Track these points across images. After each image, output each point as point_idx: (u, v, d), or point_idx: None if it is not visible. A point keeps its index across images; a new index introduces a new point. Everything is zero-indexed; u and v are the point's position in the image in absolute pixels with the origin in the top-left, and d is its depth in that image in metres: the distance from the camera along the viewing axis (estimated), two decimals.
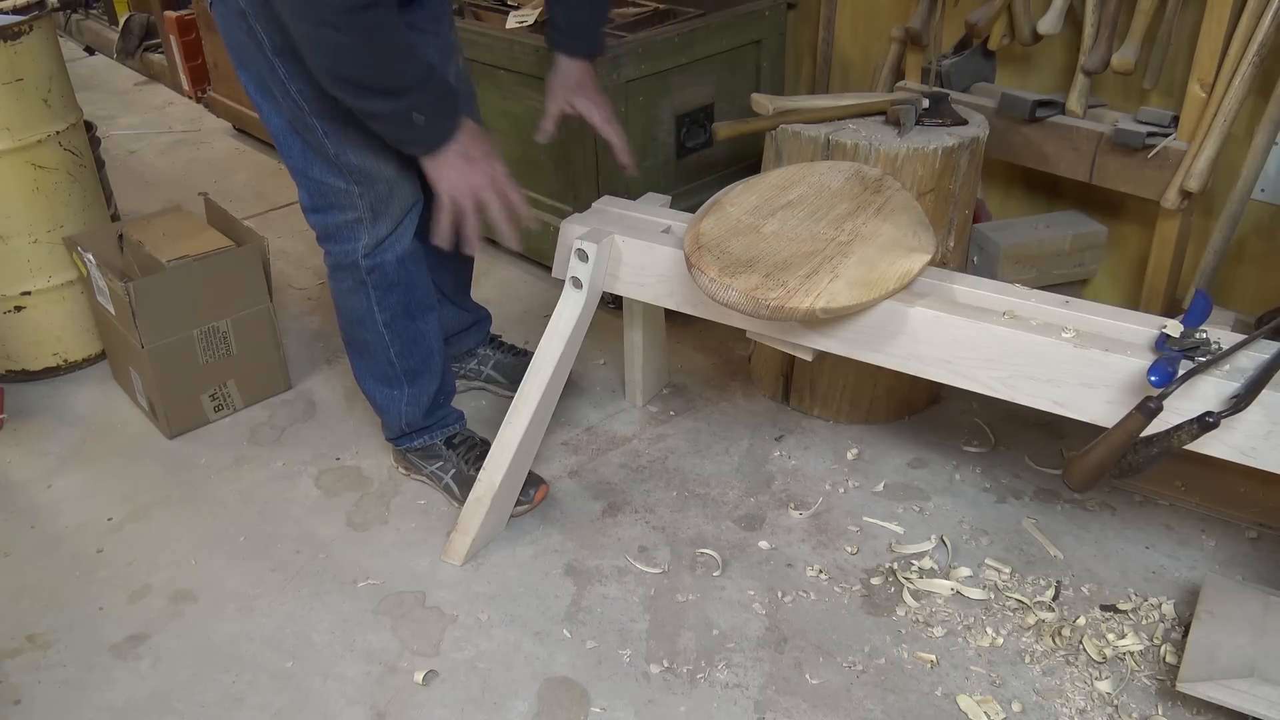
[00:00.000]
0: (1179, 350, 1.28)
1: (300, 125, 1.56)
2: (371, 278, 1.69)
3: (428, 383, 1.82)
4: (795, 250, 1.47)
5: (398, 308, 1.74)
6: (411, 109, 1.43)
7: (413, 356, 1.79)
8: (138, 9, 4.58)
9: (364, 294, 1.71)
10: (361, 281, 1.70)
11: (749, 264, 1.43)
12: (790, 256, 1.45)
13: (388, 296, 1.72)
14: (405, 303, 1.74)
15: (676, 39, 2.29)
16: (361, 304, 1.73)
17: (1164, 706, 1.45)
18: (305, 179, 1.63)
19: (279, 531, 1.85)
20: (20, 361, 2.30)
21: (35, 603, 1.72)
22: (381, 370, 1.81)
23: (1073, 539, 1.75)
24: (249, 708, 1.52)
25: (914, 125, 1.82)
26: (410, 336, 1.78)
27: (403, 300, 1.74)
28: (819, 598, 1.66)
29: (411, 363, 1.80)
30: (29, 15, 2.11)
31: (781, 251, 1.46)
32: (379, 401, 1.86)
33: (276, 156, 3.53)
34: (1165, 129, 1.89)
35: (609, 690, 1.52)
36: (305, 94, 1.52)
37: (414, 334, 1.78)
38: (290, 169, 1.64)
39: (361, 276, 1.69)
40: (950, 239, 1.89)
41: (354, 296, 1.73)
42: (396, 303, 1.73)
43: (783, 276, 1.40)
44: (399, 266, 1.70)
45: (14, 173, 2.11)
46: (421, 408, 1.84)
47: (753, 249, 1.47)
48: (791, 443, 2.02)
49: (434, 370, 1.82)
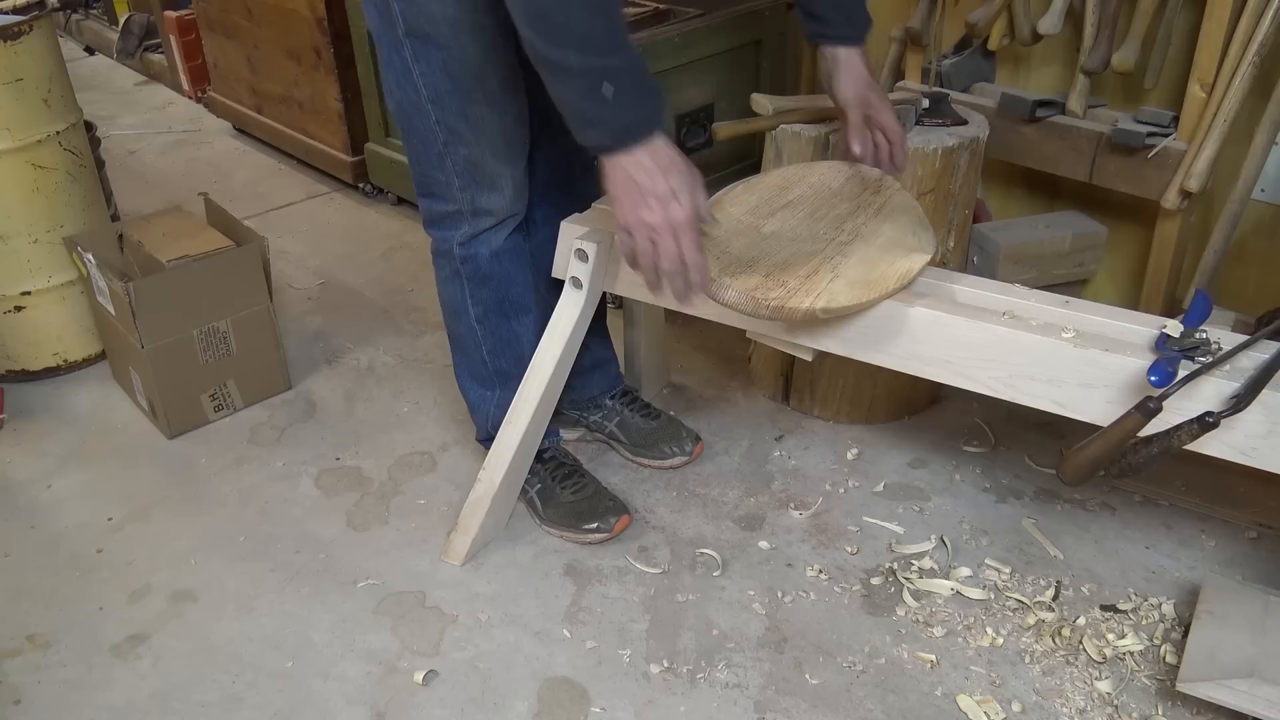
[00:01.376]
0: (1179, 350, 1.28)
1: (416, 110, 1.54)
2: (465, 268, 1.67)
3: (518, 388, 1.73)
4: (795, 250, 1.47)
5: (491, 303, 1.71)
6: (604, 75, 1.23)
7: (504, 358, 1.76)
8: (138, 9, 4.58)
9: (459, 285, 1.70)
10: (456, 271, 1.68)
11: (749, 264, 1.42)
12: (790, 256, 1.45)
13: (480, 290, 1.69)
14: (499, 300, 1.71)
15: (676, 39, 2.29)
16: (457, 295, 1.71)
17: (1164, 706, 1.45)
18: (415, 164, 1.62)
19: (279, 531, 1.85)
20: (20, 361, 2.30)
21: (35, 603, 1.72)
22: (476, 368, 1.79)
23: (1073, 539, 1.75)
24: (249, 708, 1.52)
25: (914, 125, 1.82)
26: (503, 336, 1.74)
27: (496, 296, 1.70)
28: (819, 598, 1.66)
29: (503, 364, 1.77)
30: (29, 15, 2.11)
31: (781, 251, 1.46)
32: (471, 400, 1.84)
33: (277, 156, 3.55)
34: (1165, 129, 1.89)
35: (609, 690, 1.52)
36: (427, 77, 1.48)
37: (508, 334, 1.74)
38: (406, 151, 1.63)
39: (456, 266, 1.68)
40: (950, 239, 1.89)
41: (450, 286, 1.71)
42: (490, 298, 1.70)
43: (783, 276, 1.40)
44: (493, 261, 1.66)
45: (14, 173, 2.11)
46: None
47: (753, 249, 1.47)
48: (791, 443, 2.02)
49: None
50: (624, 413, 1.99)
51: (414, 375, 2.30)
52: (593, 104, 1.25)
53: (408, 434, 2.10)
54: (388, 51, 1.52)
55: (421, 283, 2.66)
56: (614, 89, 1.23)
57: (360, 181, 3.15)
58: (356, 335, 2.46)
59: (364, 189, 3.16)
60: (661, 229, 1.29)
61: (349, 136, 3.09)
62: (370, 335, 2.46)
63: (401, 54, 1.50)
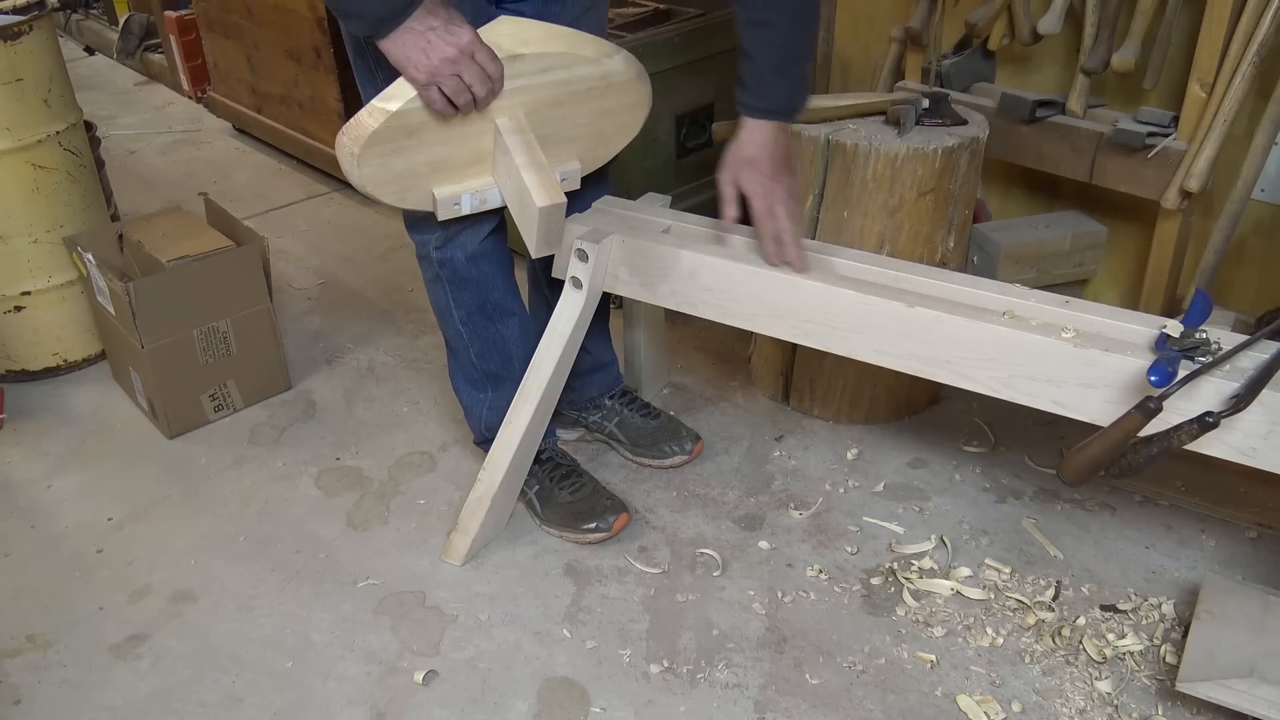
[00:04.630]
0: (1179, 350, 1.28)
1: None
2: (445, 271, 1.68)
3: (510, 390, 1.72)
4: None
5: (473, 307, 1.71)
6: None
7: (492, 360, 1.77)
8: (138, 9, 4.58)
9: (442, 288, 1.71)
10: (437, 275, 1.69)
11: None
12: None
13: (461, 293, 1.70)
14: (480, 303, 1.71)
15: (676, 39, 2.29)
16: (441, 298, 1.72)
17: (1164, 706, 1.45)
18: None
19: (279, 531, 1.85)
20: (20, 361, 2.30)
21: (35, 603, 1.72)
22: (467, 370, 1.80)
23: (1073, 539, 1.75)
24: (249, 708, 1.52)
25: (914, 125, 1.82)
26: (489, 339, 1.75)
27: (477, 300, 1.71)
28: (819, 598, 1.66)
29: (492, 366, 1.78)
30: (29, 15, 2.11)
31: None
32: (465, 402, 1.85)
33: (276, 156, 3.55)
34: (1165, 129, 1.89)
35: (609, 690, 1.52)
36: (390, 81, 1.47)
37: (494, 337, 1.75)
38: None
39: (436, 270, 1.69)
40: (950, 239, 1.89)
41: (435, 289, 1.72)
42: (471, 301, 1.71)
43: None
44: (469, 264, 1.67)
45: (14, 173, 2.11)
46: (502, 415, 1.74)
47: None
48: (791, 443, 2.02)
49: (516, 379, 1.73)
50: (623, 412, 1.99)
51: (414, 375, 2.30)
52: (350, 2, 1.33)
53: (407, 434, 2.10)
54: (354, 57, 1.54)
55: (421, 283, 2.65)
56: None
57: None
58: (356, 335, 2.46)
59: None
60: (459, 57, 1.34)
61: None
62: (370, 335, 2.46)
63: (365, 60, 1.51)
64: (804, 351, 2.00)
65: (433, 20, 1.33)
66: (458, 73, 1.36)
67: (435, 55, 1.34)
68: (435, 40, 1.33)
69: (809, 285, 1.49)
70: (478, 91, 1.38)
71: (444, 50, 1.34)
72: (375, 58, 1.48)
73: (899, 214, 1.82)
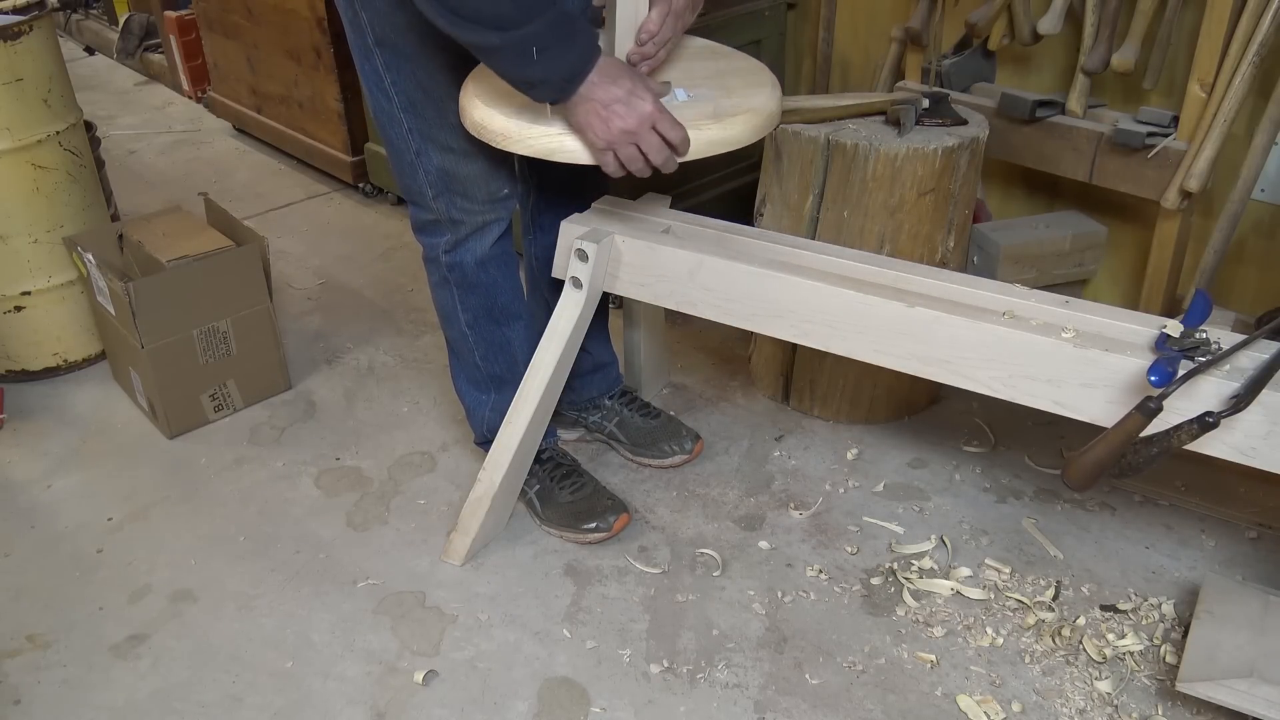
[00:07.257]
0: (1179, 350, 1.28)
1: (390, 118, 1.54)
2: (453, 275, 1.68)
3: (513, 393, 1.71)
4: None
5: (480, 310, 1.71)
6: (527, 42, 1.25)
7: (497, 363, 1.77)
8: (138, 9, 4.58)
9: (449, 291, 1.70)
10: (444, 278, 1.69)
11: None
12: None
13: (469, 297, 1.70)
14: (488, 307, 1.71)
15: None
16: (447, 301, 1.72)
17: (1164, 706, 1.45)
18: (394, 172, 1.63)
19: (279, 531, 1.85)
20: (20, 361, 2.30)
21: (35, 603, 1.72)
22: (470, 372, 1.80)
23: (1073, 539, 1.75)
24: (249, 708, 1.52)
25: (914, 125, 1.82)
26: (495, 342, 1.75)
27: (484, 304, 1.71)
28: (819, 598, 1.66)
29: (496, 369, 1.78)
30: (29, 15, 2.11)
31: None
32: (467, 403, 1.85)
33: (276, 156, 3.55)
34: (1165, 129, 1.89)
35: (609, 690, 1.52)
36: (398, 85, 1.49)
37: (499, 340, 1.75)
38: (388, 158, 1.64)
39: (444, 273, 1.68)
40: (950, 239, 1.89)
41: (441, 292, 1.72)
42: (478, 305, 1.71)
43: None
44: (478, 269, 1.67)
45: (14, 173, 2.11)
46: (504, 416, 1.74)
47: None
48: (791, 443, 2.02)
49: (520, 382, 1.72)
50: (623, 412, 1.99)
51: (414, 375, 2.30)
52: (527, 69, 1.28)
53: (407, 434, 2.10)
54: (360, 59, 1.53)
55: (421, 283, 2.66)
56: (538, 49, 1.26)
57: (360, 181, 3.15)
58: (356, 335, 2.46)
59: (364, 189, 3.16)
60: (638, 128, 1.33)
61: (349, 136, 3.09)
62: (370, 335, 2.46)
63: (373, 62, 1.50)
64: (804, 351, 2.00)
65: (616, 90, 1.31)
66: (635, 143, 1.34)
67: (615, 126, 1.33)
68: (618, 110, 1.32)
69: (809, 285, 1.49)
70: (654, 160, 1.37)
71: (624, 122, 1.32)
72: (384, 61, 1.48)
73: (899, 214, 1.82)
